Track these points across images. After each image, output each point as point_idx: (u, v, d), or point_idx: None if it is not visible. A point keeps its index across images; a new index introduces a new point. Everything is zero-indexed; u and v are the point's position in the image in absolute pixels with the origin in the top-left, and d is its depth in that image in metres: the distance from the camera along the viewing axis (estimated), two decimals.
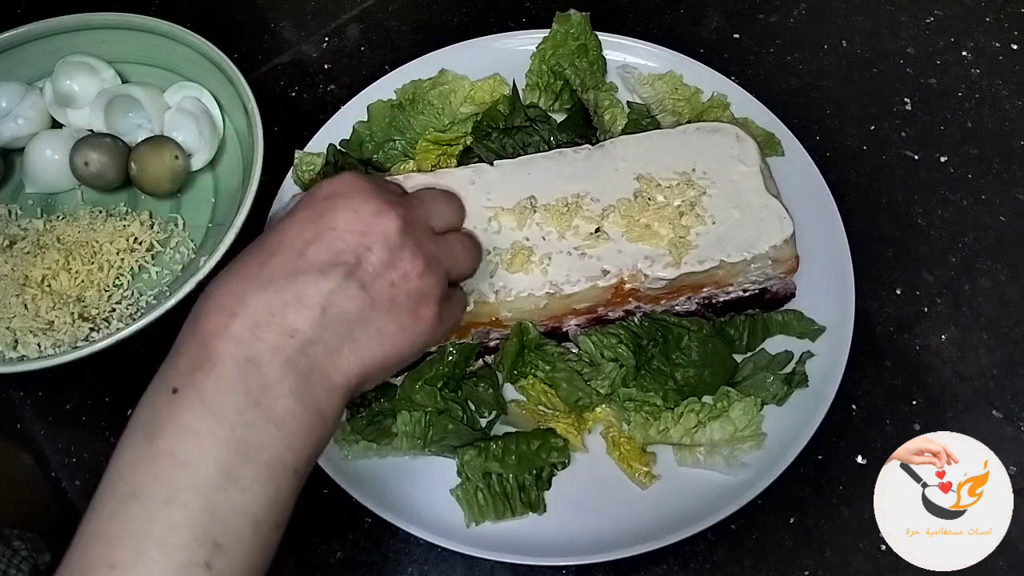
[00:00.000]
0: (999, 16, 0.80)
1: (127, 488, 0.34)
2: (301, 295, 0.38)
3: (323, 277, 0.39)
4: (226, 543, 0.34)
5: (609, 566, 0.56)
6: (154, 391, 0.37)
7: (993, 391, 0.62)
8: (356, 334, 0.40)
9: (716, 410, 0.58)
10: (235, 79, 0.68)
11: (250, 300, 0.38)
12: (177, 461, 0.34)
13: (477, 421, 0.59)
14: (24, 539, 0.69)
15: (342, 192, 0.42)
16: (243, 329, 0.37)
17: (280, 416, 0.36)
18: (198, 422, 0.35)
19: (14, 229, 0.68)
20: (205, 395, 0.35)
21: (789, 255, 0.59)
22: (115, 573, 0.32)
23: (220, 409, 0.35)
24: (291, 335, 0.38)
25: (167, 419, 0.35)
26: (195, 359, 0.37)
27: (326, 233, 0.40)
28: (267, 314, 0.37)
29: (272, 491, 0.36)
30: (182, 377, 0.36)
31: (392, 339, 0.41)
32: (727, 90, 0.70)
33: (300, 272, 0.39)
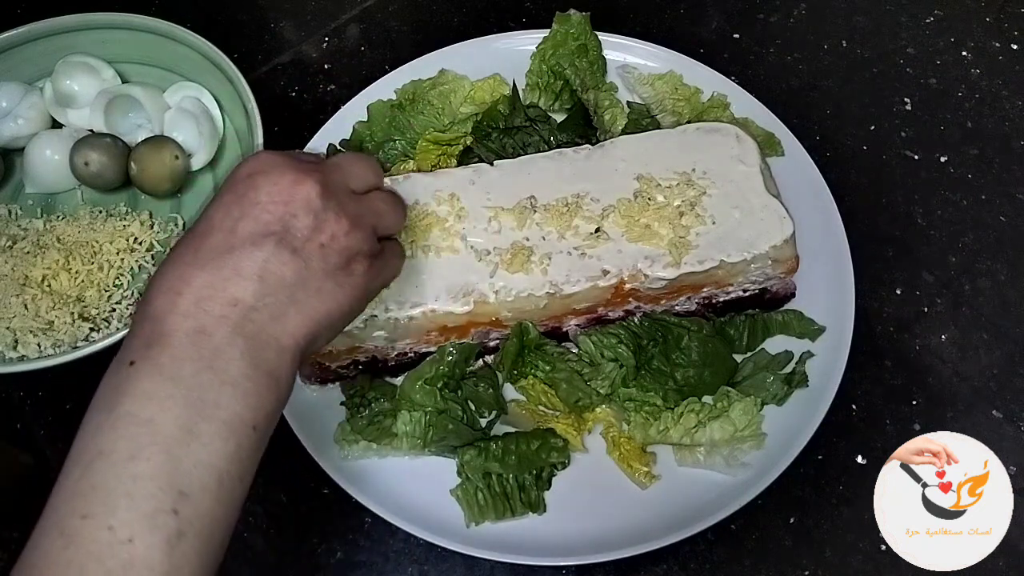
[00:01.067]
0: (999, 16, 0.80)
1: (93, 450, 0.36)
2: (238, 268, 0.41)
3: (256, 248, 0.41)
4: (191, 492, 0.36)
5: (609, 566, 0.56)
6: (112, 369, 0.39)
7: (993, 391, 0.62)
8: (297, 296, 0.42)
9: (716, 410, 0.58)
10: (235, 79, 0.68)
11: (191, 279, 0.40)
12: (139, 420, 0.36)
13: (477, 421, 0.59)
14: None
15: (260, 169, 0.44)
16: (189, 304, 0.39)
17: (234, 378, 0.39)
18: (156, 387, 0.37)
19: (14, 229, 0.68)
20: (161, 364, 0.38)
21: (789, 255, 0.59)
22: (87, 523, 0.34)
23: (176, 374, 0.38)
24: (234, 304, 0.40)
25: (126, 388, 0.37)
26: (148, 336, 0.39)
27: (251, 208, 0.43)
28: (209, 289, 0.40)
29: (233, 446, 0.38)
30: (137, 352, 0.38)
31: (332, 295, 0.44)
32: (727, 90, 0.70)
33: (234, 248, 0.41)
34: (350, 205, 0.46)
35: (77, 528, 0.34)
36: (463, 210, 0.59)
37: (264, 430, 0.40)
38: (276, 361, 0.41)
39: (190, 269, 0.40)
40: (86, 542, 0.34)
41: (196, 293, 0.39)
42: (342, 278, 0.44)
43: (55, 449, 0.63)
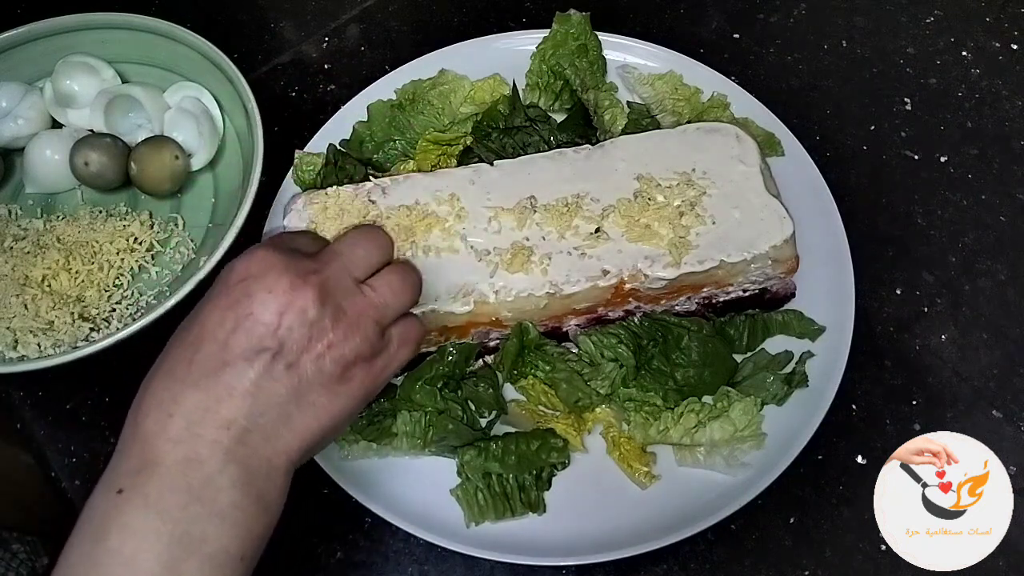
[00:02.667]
0: (999, 16, 0.80)
1: None
2: (231, 387, 0.39)
3: (249, 365, 0.40)
4: None
5: (609, 566, 0.56)
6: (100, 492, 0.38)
7: (993, 391, 0.62)
8: (291, 412, 0.41)
9: (716, 410, 0.58)
10: (235, 79, 0.68)
11: (183, 399, 0.39)
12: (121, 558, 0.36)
13: (477, 421, 0.59)
14: (23, 542, 0.69)
15: (254, 274, 0.42)
16: (180, 428, 0.38)
17: (223, 508, 0.38)
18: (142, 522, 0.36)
19: (14, 229, 0.68)
20: (148, 496, 0.37)
21: (789, 255, 0.59)
22: None
23: (164, 508, 0.37)
24: (227, 427, 0.39)
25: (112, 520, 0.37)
26: (138, 461, 0.38)
27: (244, 320, 0.41)
28: (201, 411, 0.39)
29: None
30: (126, 478, 0.38)
31: (326, 409, 0.42)
32: (727, 90, 0.70)
33: (227, 364, 0.40)
34: (351, 306, 0.44)
35: None
36: (463, 210, 0.59)
37: (252, 557, 0.39)
38: (267, 484, 0.40)
39: (181, 387, 0.39)
40: None
41: (188, 415, 0.38)
42: (338, 388, 0.43)
43: (55, 449, 0.63)
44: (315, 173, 0.67)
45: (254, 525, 0.39)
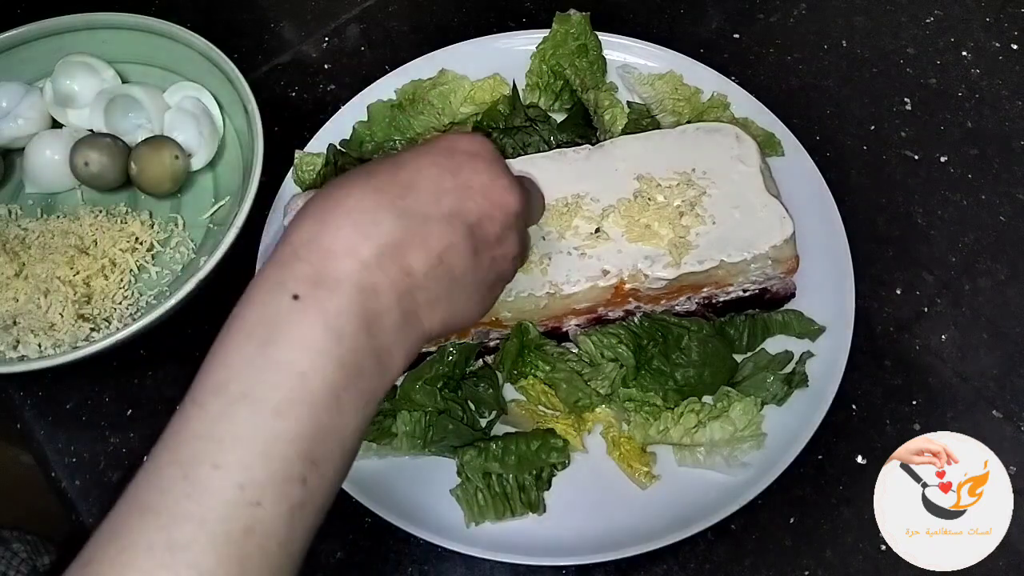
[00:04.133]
0: (999, 16, 0.80)
1: (238, 390, 0.33)
2: (427, 237, 0.39)
3: (450, 227, 0.39)
4: (321, 463, 0.34)
5: (609, 566, 0.56)
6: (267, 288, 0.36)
7: (993, 391, 0.62)
8: (453, 293, 0.40)
9: (716, 410, 0.58)
10: (235, 79, 0.68)
11: (383, 226, 0.37)
12: (293, 371, 0.34)
13: (477, 421, 0.59)
14: (23, 541, 0.69)
15: (483, 155, 0.43)
16: (372, 255, 0.37)
17: (380, 349, 0.37)
18: (318, 339, 0.35)
19: (14, 229, 0.68)
20: (327, 312, 0.35)
21: (789, 255, 0.59)
22: (218, 474, 0.32)
23: (340, 328, 0.35)
24: (408, 274, 0.38)
25: (286, 328, 0.35)
26: (318, 271, 0.36)
27: (463, 189, 0.41)
28: (394, 246, 0.37)
29: (362, 418, 0.36)
30: (303, 285, 0.35)
31: (471, 307, 0.43)
32: (727, 90, 0.70)
33: (431, 216, 0.39)
34: (525, 234, 0.46)
35: (206, 477, 0.32)
36: None
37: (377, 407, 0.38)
38: (412, 344, 0.39)
39: (386, 213, 0.38)
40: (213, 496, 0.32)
41: (382, 245, 0.37)
42: (487, 294, 0.44)
43: (55, 449, 0.63)
44: (315, 173, 0.67)
45: (392, 374, 0.38)
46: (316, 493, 0.34)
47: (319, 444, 0.34)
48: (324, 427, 0.34)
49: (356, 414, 0.36)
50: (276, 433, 0.33)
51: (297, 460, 0.33)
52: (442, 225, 0.39)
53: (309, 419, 0.34)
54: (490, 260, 0.42)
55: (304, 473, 0.33)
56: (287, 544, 0.33)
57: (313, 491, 0.34)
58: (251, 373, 0.34)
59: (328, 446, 0.35)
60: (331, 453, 0.35)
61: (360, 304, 0.36)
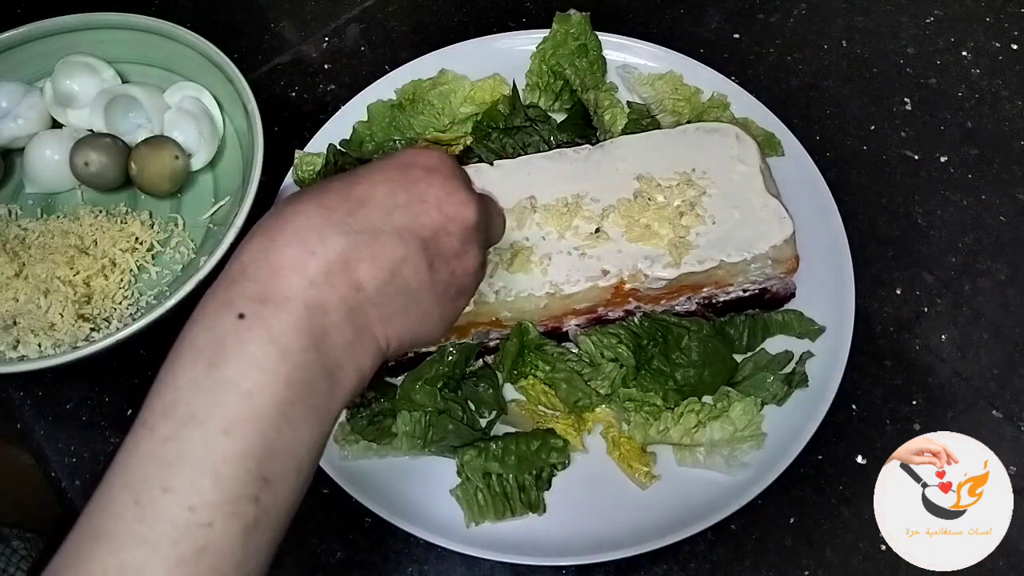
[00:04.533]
0: (999, 16, 0.80)
1: (186, 411, 0.34)
2: (376, 253, 0.38)
3: (401, 243, 0.39)
4: (274, 480, 0.34)
5: (609, 566, 0.56)
6: (214, 309, 0.36)
7: (993, 391, 0.62)
8: (409, 308, 0.40)
9: (716, 410, 0.58)
10: (235, 79, 0.68)
11: (330, 243, 0.37)
12: (240, 390, 0.34)
13: (477, 421, 0.59)
14: (23, 539, 0.69)
15: (439, 170, 0.42)
16: (318, 271, 0.37)
17: (330, 365, 0.37)
18: (264, 357, 0.35)
19: (14, 229, 0.68)
20: (272, 330, 0.35)
21: (789, 255, 0.59)
22: (168, 497, 0.32)
23: (286, 346, 0.35)
24: (358, 289, 0.38)
25: (231, 347, 0.35)
26: (265, 288, 0.36)
27: (416, 203, 0.41)
28: (342, 262, 0.37)
29: (316, 434, 0.36)
30: (249, 304, 0.36)
31: (432, 321, 0.42)
32: (727, 90, 0.70)
33: (382, 231, 0.39)
34: (483, 247, 0.45)
35: (155, 501, 0.32)
36: None
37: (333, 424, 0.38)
38: (367, 360, 0.39)
39: (332, 231, 0.38)
40: (163, 520, 0.32)
41: (329, 262, 0.37)
42: (448, 309, 0.43)
43: (55, 449, 0.63)
44: (315, 173, 0.67)
45: (348, 390, 0.38)
46: (270, 511, 0.34)
47: (270, 462, 0.34)
48: (274, 445, 0.34)
49: (309, 430, 0.36)
50: (224, 453, 0.33)
51: (248, 479, 0.33)
52: (393, 240, 0.39)
53: (257, 437, 0.34)
54: (449, 274, 0.42)
55: (256, 492, 0.33)
56: (243, 563, 0.33)
57: (267, 508, 0.34)
58: (198, 394, 0.34)
59: (280, 463, 0.35)
60: (284, 470, 0.35)
61: (307, 321, 0.36)
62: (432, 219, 0.41)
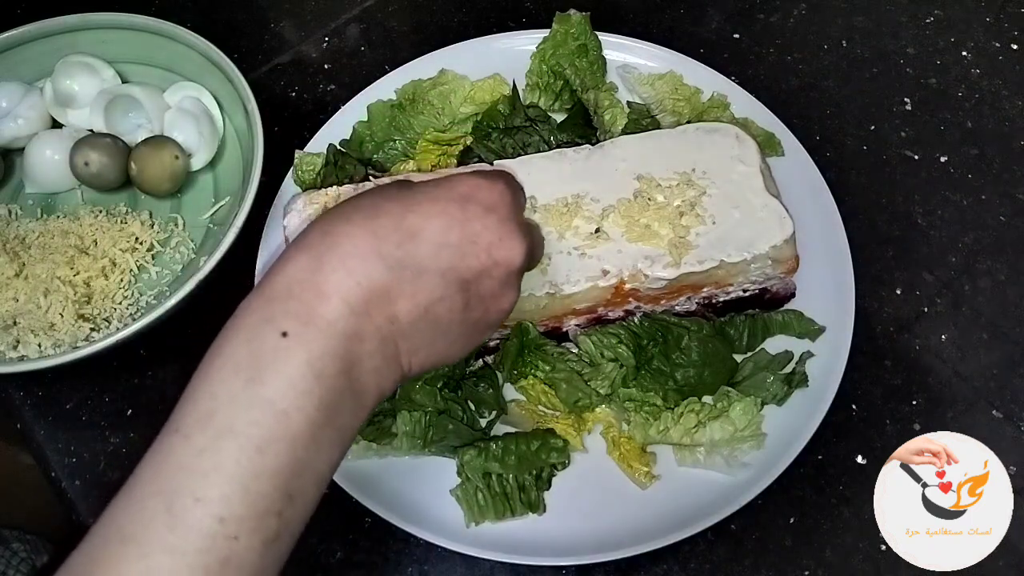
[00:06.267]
0: (999, 16, 0.80)
1: (222, 425, 0.34)
2: (416, 290, 0.39)
3: (442, 282, 0.40)
4: (297, 497, 0.35)
5: (609, 566, 0.56)
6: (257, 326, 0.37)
7: (993, 391, 0.62)
8: (436, 340, 0.41)
9: (716, 410, 0.58)
10: (235, 79, 0.68)
11: (374, 275, 0.38)
12: (276, 410, 0.35)
13: (477, 421, 0.59)
14: (23, 540, 0.69)
15: (498, 210, 0.43)
16: (360, 301, 0.38)
17: (359, 390, 0.38)
18: (301, 379, 0.36)
19: (14, 229, 0.68)
20: (312, 352, 0.36)
21: (789, 255, 0.59)
22: (200, 506, 0.33)
23: (322, 370, 0.36)
24: (392, 322, 0.39)
25: (271, 364, 0.36)
26: (309, 310, 0.37)
27: (467, 244, 0.41)
28: (382, 295, 0.38)
29: (339, 454, 0.38)
30: (293, 323, 0.36)
31: (456, 349, 0.44)
32: (727, 90, 0.70)
33: (427, 269, 0.40)
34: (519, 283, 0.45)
35: (188, 510, 0.33)
36: None
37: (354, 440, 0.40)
38: (388, 383, 0.40)
39: (378, 262, 0.38)
40: (193, 529, 0.33)
41: (371, 293, 0.38)
42: (474, 339, 0.44)
43: (55, 449, 0.63)
44: (315, 173, 0.67)
45: (368, 412, 0.39)
46: (290, 525, 0.35)
47: (296, 479, 0.35)
48: (302, 464, 0.35)
49: (332, 450, 0.37)
50: (257, 469, 0.34)
51: (276, 495, 0.34)
52: (435, 279, 0.40)
53: (288, 456, 0.35)
54: (483, 312, 0.43)
55: (280, 507, 0.35)
56: (260, 573, 0.34)
57: (288, 523, 0.35)
58: (236, 408, 0.35)
59: (304, 481, 0.36)
60: (306, 487, 0.36)
61: (344, 347, 0.37)
62: (480, 262, 0.41)
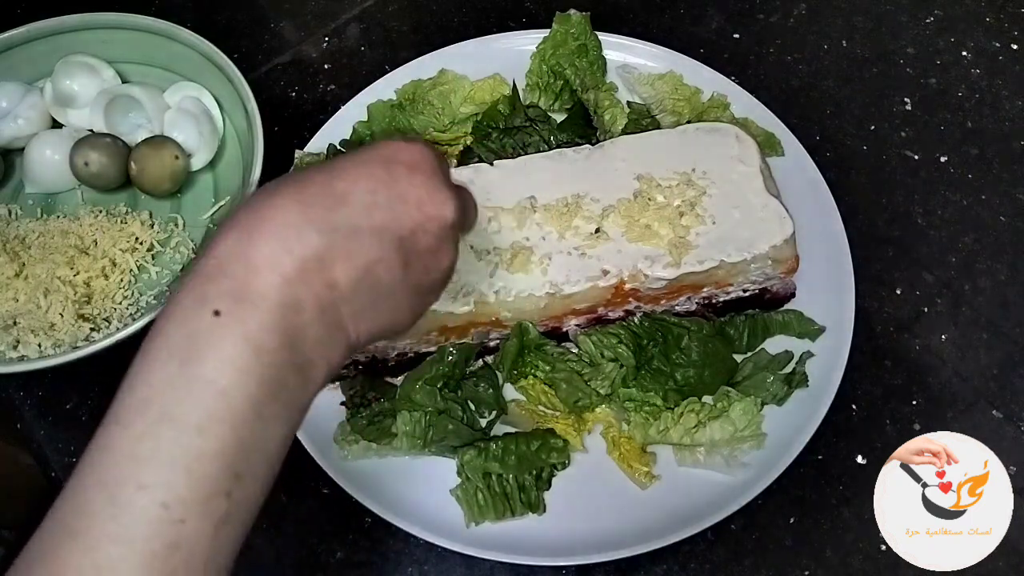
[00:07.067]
0: (999, 16, 0.80)
1: (160, 410, 0.34)
2: (352, 251, 0.39)
3: (378, 242, 0.40)
4: (245, 476, 0.35)
5: (609, 566, 0.56)
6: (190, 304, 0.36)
7: (993, 391, 0.62)
8: (379, 304, 0.41)
9: (716, 410, 0.58)
10: (235, 79, 0.68)
11: (307, 241, 0.37)
12: (215, 389, 0.34)
13: (477, 421, 0.59)
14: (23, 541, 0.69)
15: (421, 168, 0.42)
16: (294, 270, 0.37)
17: (302, 362, 0.37)
18: (239, 355, 0.35)
19: (14, 229, 0.68)
20: (248, 329, 0.35)
21: (789, 255, 0.59)
22: (143, 493, 0.33)
23: (260, 345, 0.35)
24: (332, 287, 0.38)
25: (207, 345, 0.35)
26: (241, 285, 0.36)
27: (396, 201, 0.41)
28: (317, 261, 0.38)
29: (287, 430, 0.37)
30: (225, 301, 0.36)
31: (403, 315, 0.43)
32: (727, 90, 0.70)
33: (361, 229, 0.39)
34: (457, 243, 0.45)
35: (131, 498, 0.33)
36: None
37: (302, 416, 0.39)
38: (336, 355, 0.39)
39: (310, 228, 0.38)
40: (137, 517, 0.32)
41: (305, 262, 0.37)
42: (418, 303, 0.43)
43: (55, 449, 0.63)
44: None
45: (317, 384, 0.39)
46: (241, 506, 0.35)
47: (243, 458, 0.35)
48: (247, 442, 0.35)
49: (280, 426, 0.36)
50: (199, 451, 0.34)
51: (221, 476, 0.34)
52: (370, 238, 0.39)
53: (231, 435, 0.34)
54: (423, 271, 0.42)
55: (228, 487, 0.34)
56: (213, 558, 0.34)
57: (238, 504, 0.35)
58: (172, 391, 0.34)
59: (252, 459, 0.35)
60: (255, 466, 0.35)
61: (281, 319, 0.36)
62: (412, 218, 0.41)
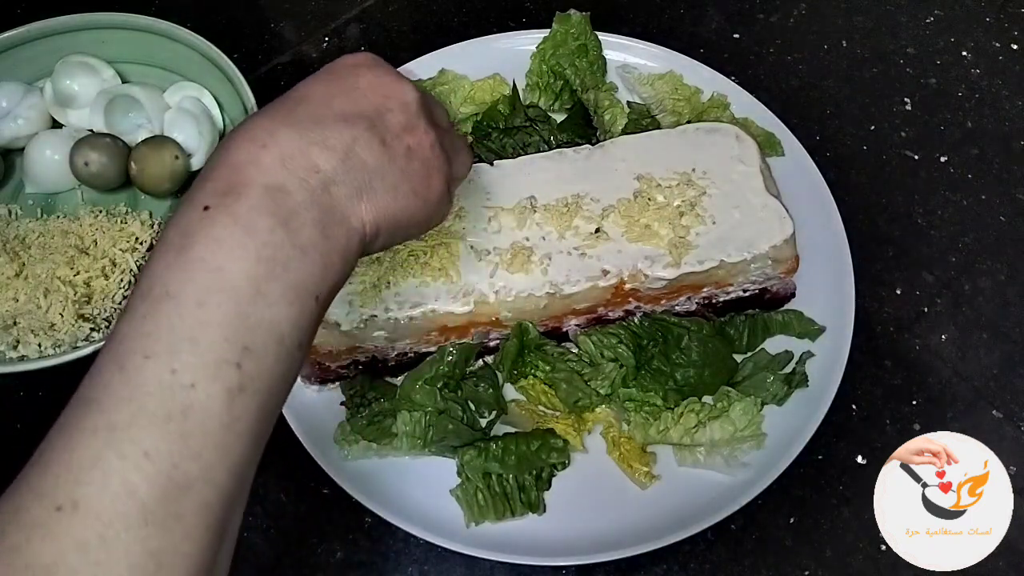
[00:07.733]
0: (999, 16, 0.80)
1: (160, 290, 0.35)
2: (326, 138, 0.40)
3: (348, 125, 0.41)
4: (254, 349, 0.36)
5: (609, 566, 0.56)
6: (184, 211, 0.38)
7: (993, 391, 0.62)
8: (374, 185, 0.41)
9: (716, 410, 0.58)
10: (235, 79, 0.68)
11: (278, 136, 0.39)
12: (209, 266, 0.36)
13: (477, 421, 0.59)
14: None
15: (365, 63, 0.44)
16: (273, 159, 0.38)
17: (304, 243, 0.38)
18: (230, 235, 0.36)
19: (14, 229, 0.68)
20: (237, 214, 0.37)
21: (789, 255, 0.59)
22: (149, 363, 0.34)
23: (251, 226, 0.37)
24: (316, 171, 0.39)
25: (198, 232, 0.36)
26: (226, 183, 0.38)
27: (351, 91, 0.43)
28: (294, 149, 0.39)
29: (296, 311, 0.38)
30: (213, 198, 0.37)
31: (405, 199, 0.43)
32: (727, 90, 0.70)
33: (325, 119, 0.41)
34: (436, 126, 0.46)
35: (139, 367, 0.34)
36: (462, 210, 0.59)
37: (324, 303, 0.40)
38: (344, 239, 0.40)
39: (278, 125, 0.40)
40: (147, 382, 0.33)
41: (281, 150, 0.39)
42: (419, 186, 0.44)
43: None
44: None
45: (330, 270, 0.39)
46: (255, 379, 0.35)
47: (247, 332, 0.35)
48: (251, 317, 0.36)
49: (288, 306, 0.37)
50: (199, 320, 0.35)
51: (226, 345, 0.35)
52: (338, 124, 0.41)
53: (232, 307, 0.35)
54: (405, 148, 0.43)
55: (237, 358, 0.35)
56: (231, 425, 0.34)
57: (251, 375, 0.35)
58: (170, 274, 0.36)
59: (260, 336, 0.36)
60: (264, 341, 0.36)
61: (269, 201, 0.37)
62: (370, 101, 0.43)
